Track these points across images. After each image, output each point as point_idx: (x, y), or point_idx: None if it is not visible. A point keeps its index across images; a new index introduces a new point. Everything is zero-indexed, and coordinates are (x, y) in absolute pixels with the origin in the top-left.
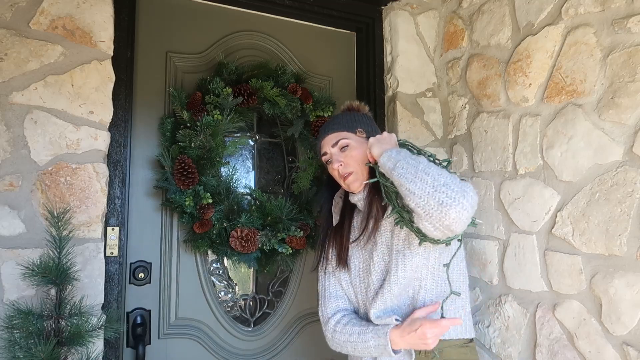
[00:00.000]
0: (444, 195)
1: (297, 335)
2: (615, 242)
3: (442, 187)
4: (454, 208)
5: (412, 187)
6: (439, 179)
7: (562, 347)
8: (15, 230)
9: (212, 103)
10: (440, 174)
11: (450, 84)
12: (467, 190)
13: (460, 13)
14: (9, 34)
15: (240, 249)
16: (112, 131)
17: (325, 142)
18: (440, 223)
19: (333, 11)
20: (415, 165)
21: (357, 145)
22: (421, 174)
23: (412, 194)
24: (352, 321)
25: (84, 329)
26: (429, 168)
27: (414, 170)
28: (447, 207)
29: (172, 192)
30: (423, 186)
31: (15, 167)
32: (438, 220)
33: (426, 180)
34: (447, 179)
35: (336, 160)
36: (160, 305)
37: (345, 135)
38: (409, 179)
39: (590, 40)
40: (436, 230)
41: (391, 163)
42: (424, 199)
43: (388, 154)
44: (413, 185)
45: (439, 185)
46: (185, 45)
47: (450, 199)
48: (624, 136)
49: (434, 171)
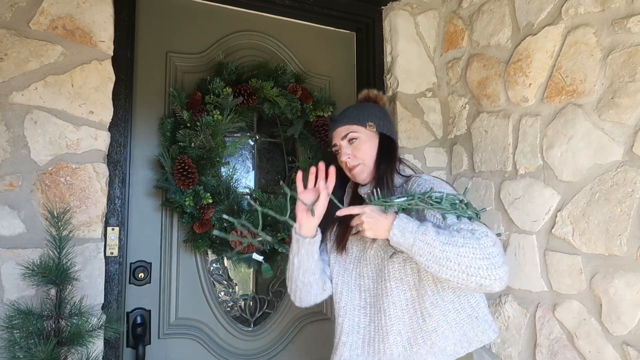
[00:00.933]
0: (479, 278)
1: (297, 335)
2: (615, 242)
3: (470, 269)
4: (496, 282)
5: (444, 276)
6: (462, 261)
7: (562, 347)
8: (15, 230)
9: (212, 103)
10: (459, 254)
11: (450, 84)
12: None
13: (460, 13)
14: (9, 34)
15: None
16: (112, 131)
17: (336, 134)
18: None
19: (333, 11)
20: (431, 252)
21: (366, 139)
22: (443, 261)
23: (448, 280)
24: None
25: (84, 329)
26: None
27: (434, 259)
28: (489, 286)
29: (172, 192)
30: (453, 274)
31: (15, 167)
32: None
33: (452, 267)
34: (468, 257)
35: (344, 153)
36: (160, 305)
37: (355, 128)
38: (435, 269)
39: (590, 40)
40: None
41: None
42: (462, 283)
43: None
44: (444, 274)
45: (467, 268)
46: (185, 45)
47: (487, 278)
48: (624, 136)
49: (452, 252)
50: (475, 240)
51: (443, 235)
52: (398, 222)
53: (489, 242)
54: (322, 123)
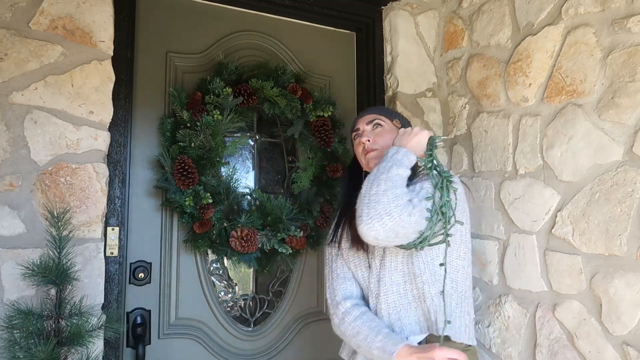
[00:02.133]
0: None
1: (297, 335)
2: (615, 242)
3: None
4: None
5: (362, 189)
6: (377, 194)
7: (562, 347)
8: (15, 230)
9: (212, 103)
10: (385, 190)
11: (450, 84)
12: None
13: (460, 13)
14: (9, 34)
15: (240, 249)
16: (112, 131)
17: (362, 120)
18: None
19: (333, 11)
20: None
21: (390, 130)
22: (376, 182)
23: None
24: (362, 317)
25: (84, 329)
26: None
27: (375, 175)
28: (358, 223)
29: (172, 192)
30: (366, 192)
31: (15, 167)
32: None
33: (371, 188)
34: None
35: (366, 134)
36: (160, 305)
37: (383, 118)
38: (369, 180)
39: (590, 40)
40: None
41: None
42: (358, 201)
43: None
44: (363, 188)
45: (371, 199)
46: (185, 45)
47: (367, 216)
48: (624, 136)
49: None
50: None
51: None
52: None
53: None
54: (322, 123)
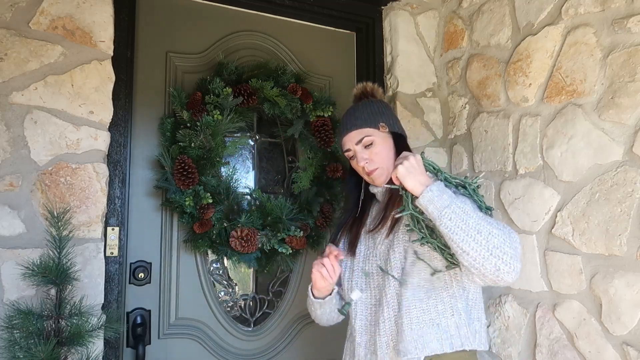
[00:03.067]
0: (500, 262)
1: (297, 335)
2: (615, 242)
3: (497, 250)
4: (511, 275)
5: (465, 247)
6: (492, 240)
7: (562, 347)
8: (15, 230)
9: (212, 103)
10: (491, 233)
11: (450, 84)
12: (518, 247)
13: (460, 13)
14: (9, 34)
15: (240, 249)
16: (112, 131)
17: (349, 139)
18: (494, 283)
19: (333, 11)
20: (465, 219)
21: (381, 142)
22: (473, 232)
23: (466, 254)
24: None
25: (84, 329)
26: (479, 224)
27: (465, 227)
28: (504, 273)
29: (172, 192)
30: (478, 248)
31: (15, 167)
32: (491, 281)
33: (480, 241)
34: (499, 238)
35: (361, 158)
36: (160, 305)
37: (369, 132)
38: (460, 236)
39: (590, 40)
40: (485, 284)
41: (435, 209)
42: (479, 261)
43: (429, 195)
44: (466, 246)
45: (494, 248)
46: (185, 45)
47: (507, 265)
48: (624, 136)
49: (485, 227)
50: (508, 231)
51: (480, 212)
52: (439, 184)
53: (517, 238)
54: (322, 123)
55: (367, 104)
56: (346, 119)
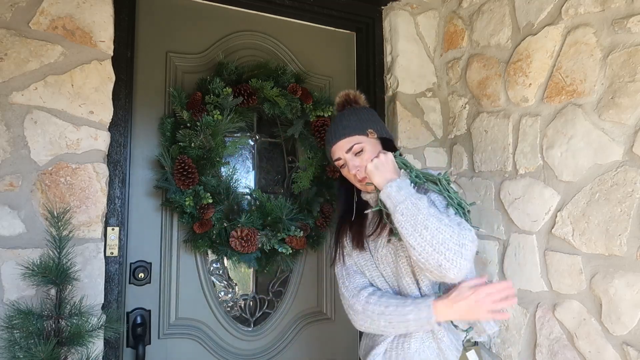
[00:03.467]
0: (442, 257)
1: (297, 335)
2: (615, 242)
3: (441, 247)
4: (452, 270)
5: (412, 242)
6: (437, 236)
7: (562, 347)
8: (15, 230)
9: (212, 103)
10: (438, 229)
11: (450, 84)
12: (466, 244)
13: (460, 13)
14: (9, 34)
15: (240, 249)
16: (112, 131)
17: (338, 147)
18: (440, 279)
19: (333, 11)
20: (415, 215)
21: (371, 148)
22: (420, 228)
23: (412, 248)
24: (387, 294)
25: (84, 329)
26: (428, 220)
27: (413, 222)
28: (446, 270)
29: (172, 192)
30: (422, 243)
31: (15, 167)
32: (437, 277)
33: (425, 236)
34: (445, 234)
35: (353, 166)
36: (160, 305)
37: (358, 139)
38: (409, 231)
39: (590, 40)
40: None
41: (391, 204)
42: (423, 256)
43: (387, 190)
44: (412, 240)
45: (437, 244)
46: (185, 45)
47: (449, 261)
48: (624, 136)
49: (434, 224)
50: (458, 229)
51: (433, 209)
52: (401, 181)
53: (470, 236)
54: (322, 123)
55: (353, 111)
56: (334, 128)
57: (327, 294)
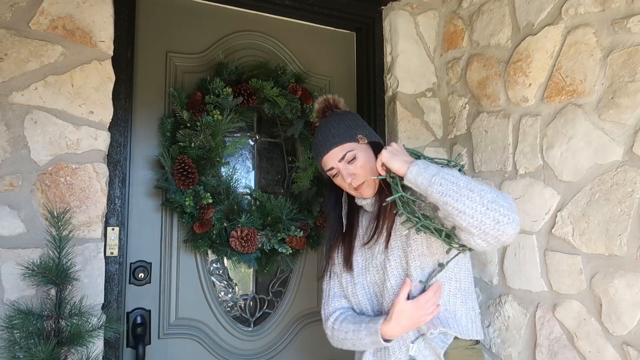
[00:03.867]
0: (498, 214)
1: (297, 335)
2: (615, 242)
3: (493, 204)
4: (511, 225)
5: (461, 207)
6: (485, 196)
7: (562, 347)
8: (15, 230)
9: (212, 103)
10: (483, 189)
11: (450, 84)
12: (513, 203)
13: (460, 13)
14: (9, 34)
15: (240, 249)
16: (112, 131)
17: (329, 157)
18: (496, 240)
19: (333, 11)
20: (455, 182)
21: (363, 154)
22: (465, 191)
23: (462, 214)
24: (347, 318)
25: (84, 329)
26: (470, 183)
27: (456, 188)
28: (505, 225)
29: (172, 192)
30: (473, 205)
31: (15, 167)
32: (494, 238)
33: (474, 198)
34: (492, 193)
35: (347, 174)
36: (160, 305)
37: (350, 146)
38: (454, 197)
39: (590, 40)
40: (489, 245)
41: (424, 179)
42: (477, 218)
43: (416, 168)
44: (461, 205)
45: (489, 202)
46: (185, 45)
47: (505, 217)
48: (624, 136)
49: (477, 186)
50: (500, 192)
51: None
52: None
53: (509, 196)
54: None
55: (338, 118)
56: (322, 138)
57: None
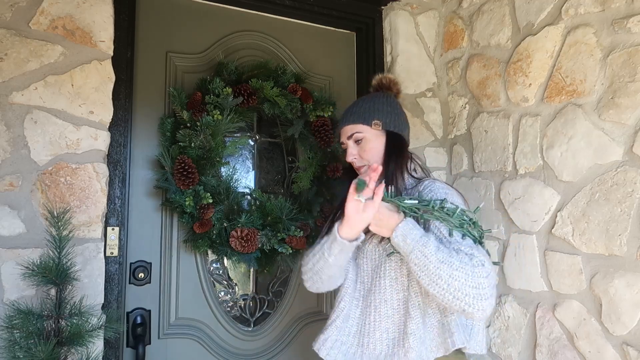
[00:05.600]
0: (462, 303)
1: (297, 335)
2: (615, 242)
3: (458, 293)
4: (477, 313)
5: (431, 290)
6: (452, 284)
7: (562, 347)
8: (15, 230)
9: (212, 103)
10: (451, 276)
11: (450, 84)
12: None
13: (460, 13)
14: (9, 34)
15: (240, 249)
16: (112, 131)
17: (343, 131)
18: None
19: (333, 11)
20: (426, 265)
21: (372, 138)
22: (434, 277)
23: (434, 294)
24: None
25: (84, 329)
26: (439, 269)
27: (427, 272)
28: (470, 314)
29: (172, 192)
30: (440, 291)
31: (15, 167)
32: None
33: (441, 285)
34: (460, 281)
35: (350, 153)
36: (160, 305)
37: (360, 128)
38: (425, 280)
39: (590, 40)
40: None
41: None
42: (446, 302)
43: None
44: (431, 289)
45: (454, 291)
46: (185, 45)
47: (470, 306)
48: (624, 136)
49: (445, 272)
50: (471, 267)
51: (441, 253)
52: (403, 226)
53: (483, 272)
54: (322, 123)
55: (368, 100)
56: (346, 111)
57: (327, 294)
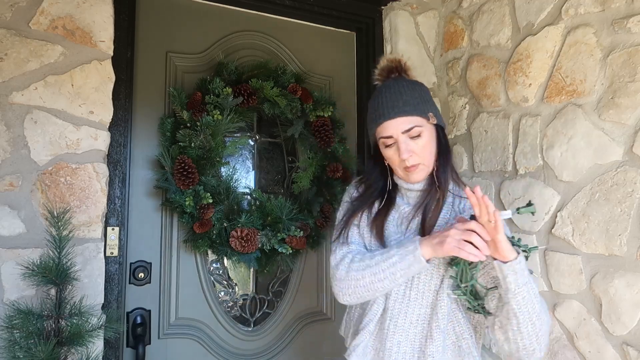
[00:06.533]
0: (538, 347)
1: (297, 335)
2: (615, 242)
3: (541, 338)
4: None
5: (523, 329)
6: (542, 328)
7: (562, 347)
8: (15, 230)
9: (212, 103)
10: (542, 320)
11: (450, 84)
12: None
13: (460, 13)
14: (9, 34)
15: (240, 249)
16: (112, 131)
17: (392, 124)
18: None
19: (333, 11)
20: (533, 302)
21: (429, 134)
22: (534, 317)
23: (520, 334)
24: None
25: (84, 329)
26: (541, 310)
27: (531, 309)
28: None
29: (172, 192)
30: (532, 332)
31: (15, 167)
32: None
33: (536, 325)
34: (546, 326)
35: (405, 150)
36: (160, 305)
37: (419, 121)
38: (524, 316)
39: (590, 40)
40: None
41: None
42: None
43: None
44: (524, 327)
45: (541, 335)
46: (185, 45)
47: (540, 351)
48: (624, 136)
49: (543, 315)
50: (546, 312)
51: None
52: (522, 259)
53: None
54: (322, 123)
55: (412, 86)
56: (390, 101)
57: (327, 294)
